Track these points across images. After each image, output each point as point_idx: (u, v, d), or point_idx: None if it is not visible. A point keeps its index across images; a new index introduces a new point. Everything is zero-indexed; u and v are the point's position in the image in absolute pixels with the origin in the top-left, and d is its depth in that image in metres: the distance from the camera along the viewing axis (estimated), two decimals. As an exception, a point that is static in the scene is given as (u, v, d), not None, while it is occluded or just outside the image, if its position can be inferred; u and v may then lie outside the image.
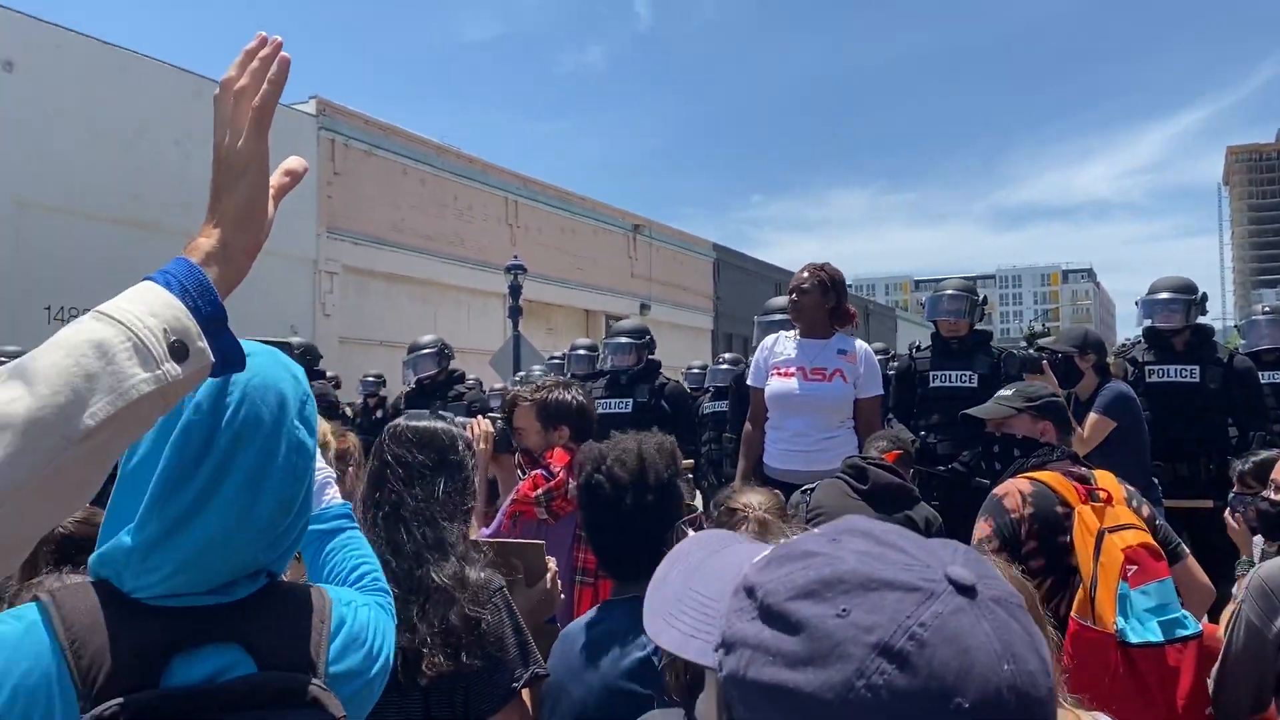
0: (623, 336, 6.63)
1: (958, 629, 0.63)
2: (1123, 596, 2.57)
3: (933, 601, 0.65)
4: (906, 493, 3.38)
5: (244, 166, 1.02)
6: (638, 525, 2.17)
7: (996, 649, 0.62)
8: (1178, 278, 5.61)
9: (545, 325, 24.58)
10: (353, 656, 1.26)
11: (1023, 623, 0.65)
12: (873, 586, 0.66)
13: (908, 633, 0.63)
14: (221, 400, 1.14)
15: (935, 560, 0.68)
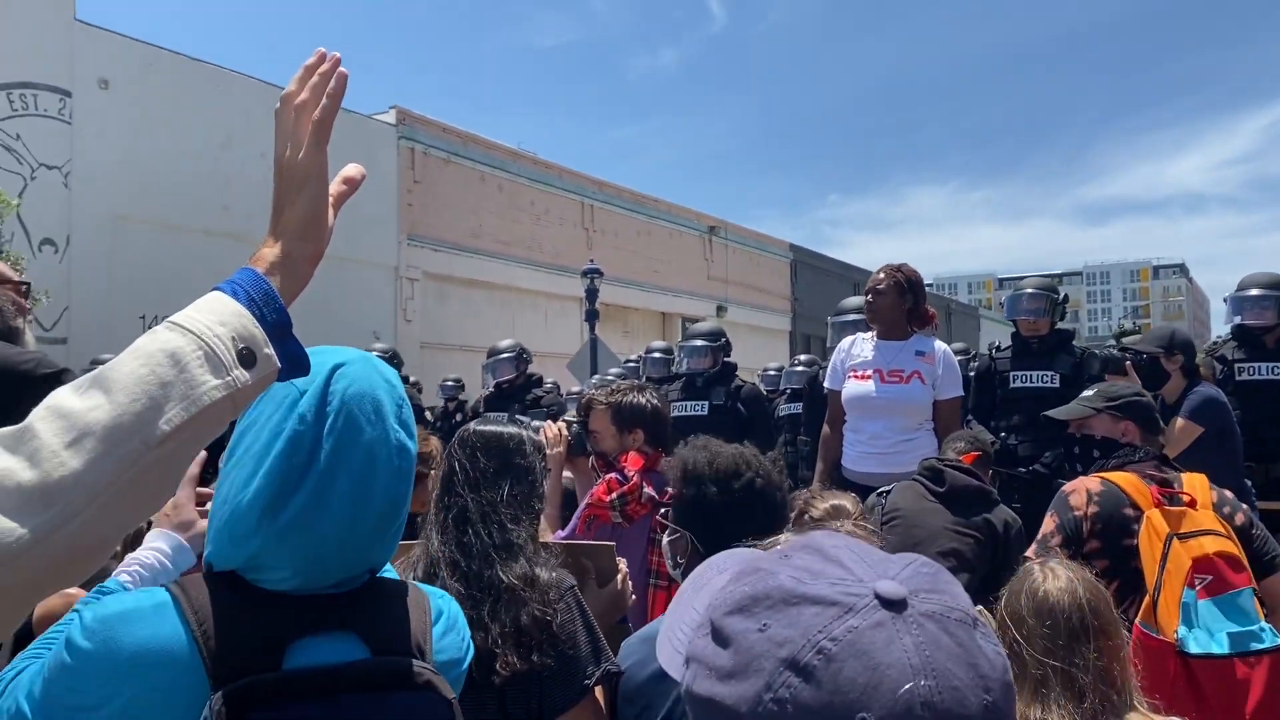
0: (698, 339, 6.64)
1: (870, 644, 0.62)
2: (1187, 605, 2.49)
3: (850, 616, 0.64)
4: (985, 494, 3.33)
5: (305, 178, 1.05)
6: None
7: (913, 664, 0.61)
8: (1269, 274, 5.43)
9: (622, 328, 24.68)
10: (452, 644, 1.33)
11: (958, 637, 0.63)
12: (793, 602, 0.66)
13: (816, 647, 0.63)
14: (323, 410, 1.20)
15: (871, 575, 0.67)
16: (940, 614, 0.65)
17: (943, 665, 0.62)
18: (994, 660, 0.64)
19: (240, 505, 1.19)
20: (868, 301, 4.72)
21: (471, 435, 2.18)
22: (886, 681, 0.61)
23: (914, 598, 0.65)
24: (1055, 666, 1.79)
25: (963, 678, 0.62)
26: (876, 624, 0.64)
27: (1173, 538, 2.59)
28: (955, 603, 0.66)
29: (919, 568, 0.69)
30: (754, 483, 2.08)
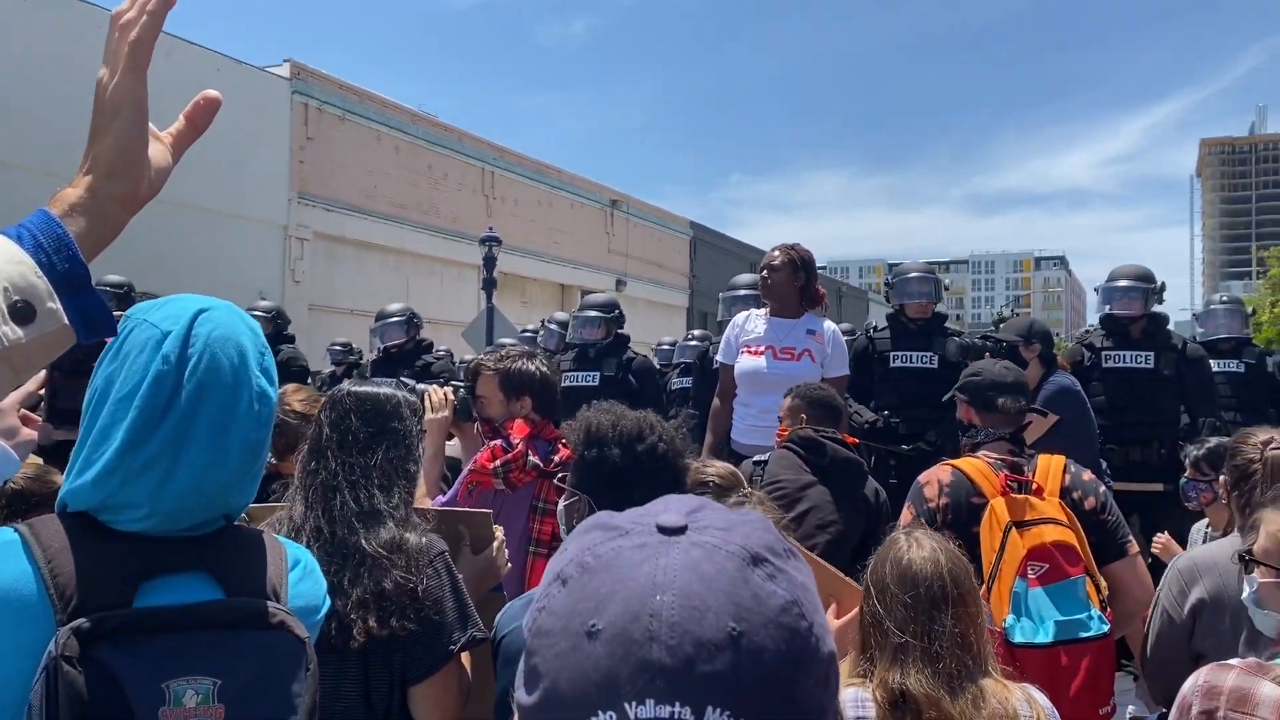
0: (592, 310, 6.65)
1: (626, 561, 0.63)
2: (1017, 594, 2.59)
3: (622, 538, 0.66)
4: (860, 467, 3.43)
5: (118, 107, 0.92)
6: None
7: (658, 580, 0.61)
8: (1137, 266, 5.70)
9: (520, 298, 24.51)
10: (309, 591, 1.33)
11: (723, 566, 0.63)
12: (589, 529, 0.68)
13: (578, 561, 0.65)
14: (185, 352, 1.20)
15: (678, 515, 0.67)
16: (713, 545, 0.64)
17: (689, 586, 0.61)
18: (765, 599, 0.63)
19: (100, 443, 1.19)
20: (762, 278, 4.80)
21: (345, 397, 2.14)
22: (624, 592, 0.61)
23: (695, 530, 0.66)
24: (915, 631, 1.85)
25: (710, 602, 0.61)
26: (640, 545, 0.64)
27: (1011, 527, 2.68)
28: (739, 540, 0.66)
29: (726, 513, 0.69)
30: (657, 447, 2.09)
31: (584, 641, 0.61)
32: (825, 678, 0.65)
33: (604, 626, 0.61)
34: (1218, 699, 1.73)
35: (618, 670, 0.60)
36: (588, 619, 0.62)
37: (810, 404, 3.51)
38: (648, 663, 0.59)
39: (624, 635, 0.60)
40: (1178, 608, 2.59)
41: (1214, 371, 5.81)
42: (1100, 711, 2.64)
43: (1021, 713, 1.83)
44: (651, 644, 0.60)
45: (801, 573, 0.68)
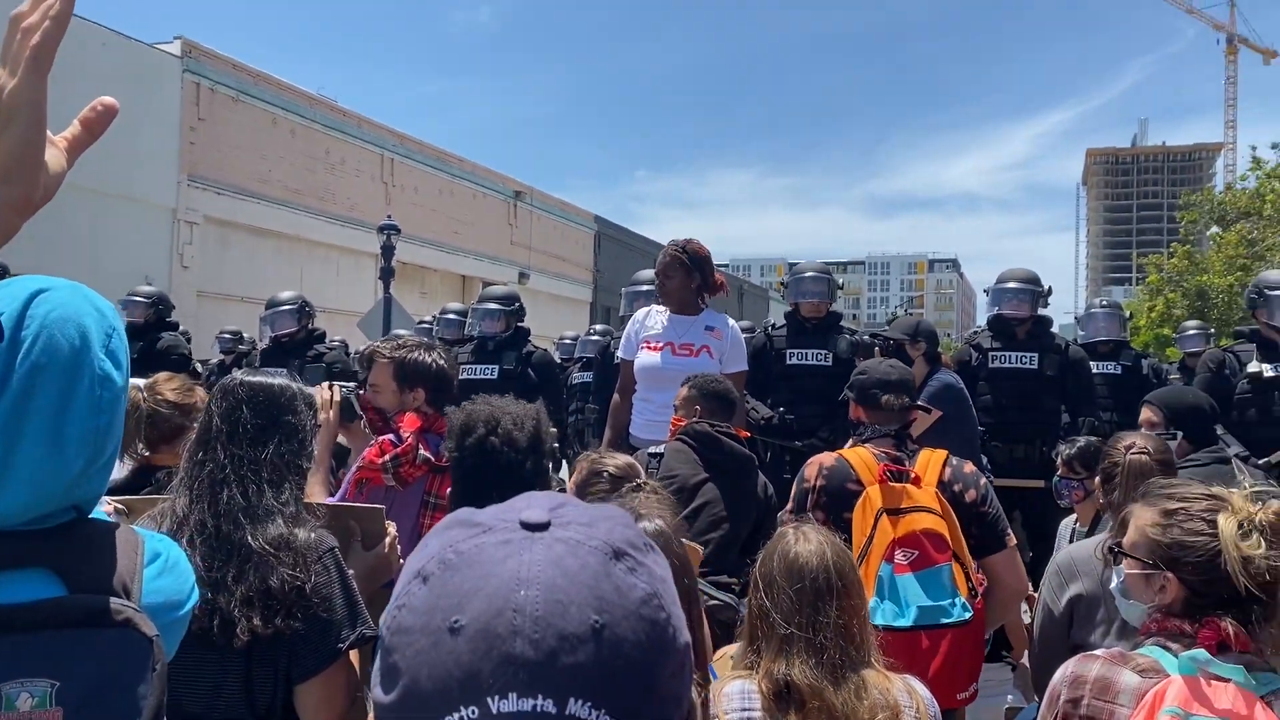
0: (492, 302, 6.58)
1: (489, 557, 0.64)
2: (881, 578, 2.68)
3: (484, 535, 0.66)
4: (752, 462, 3.47)
5: (15, 110, 0.90)
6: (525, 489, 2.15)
7: (521, 575, 0.62)
8: (1025, 270, 5.91)
9: (419, 289, 24.14)
10: (169, 587, 1.28)
11: (586, 561, 0.64)
12: (450, 526, 0.69)
13: (440, 558, 0.65)
14: (19, 333, 1.13)
15: (541, 511, 0.68)
16: (577, 540, 0.65)
17: (554, 581, 0.62)
18: (626, 592, 0.64)
19: None
20: (657, 279, 4.84)
21: (237, 387, 2.06)
22: (488, 588, 0.62)
23: (559, 526, 0.66)
24: (800, 622, 1.88)
25: (573, 595, 0.62)
26: (504, 541, 0.65)
27: (883, 513, 2.76)
28: (602, 534, 0.67)
29: (589, 509, 0.70)
30: (487, 442, 2.08)
31: (446, 638, 0.61)
32: (681, 667, 0.67)
33: (467, 622, 0.61)
34: (1083, 688, 1.80)
35: (480, 665, 0.60)
36: (450, 615, 0.62)
37: (706, 396, 3.53)
38: (511, 657, 0.60)
39: (487, 630, 0.60)
40: (1056, 601, 2.70)
41: (1093, 373, 6.08)
42: (958, 696, 2.74)
43: (902, 703, 1.88)
44: (515, 638, 0.60)
45: (661, 566, 0.69)
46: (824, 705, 1.81)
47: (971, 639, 2.79)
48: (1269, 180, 23.47)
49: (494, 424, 2.18)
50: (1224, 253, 24.56)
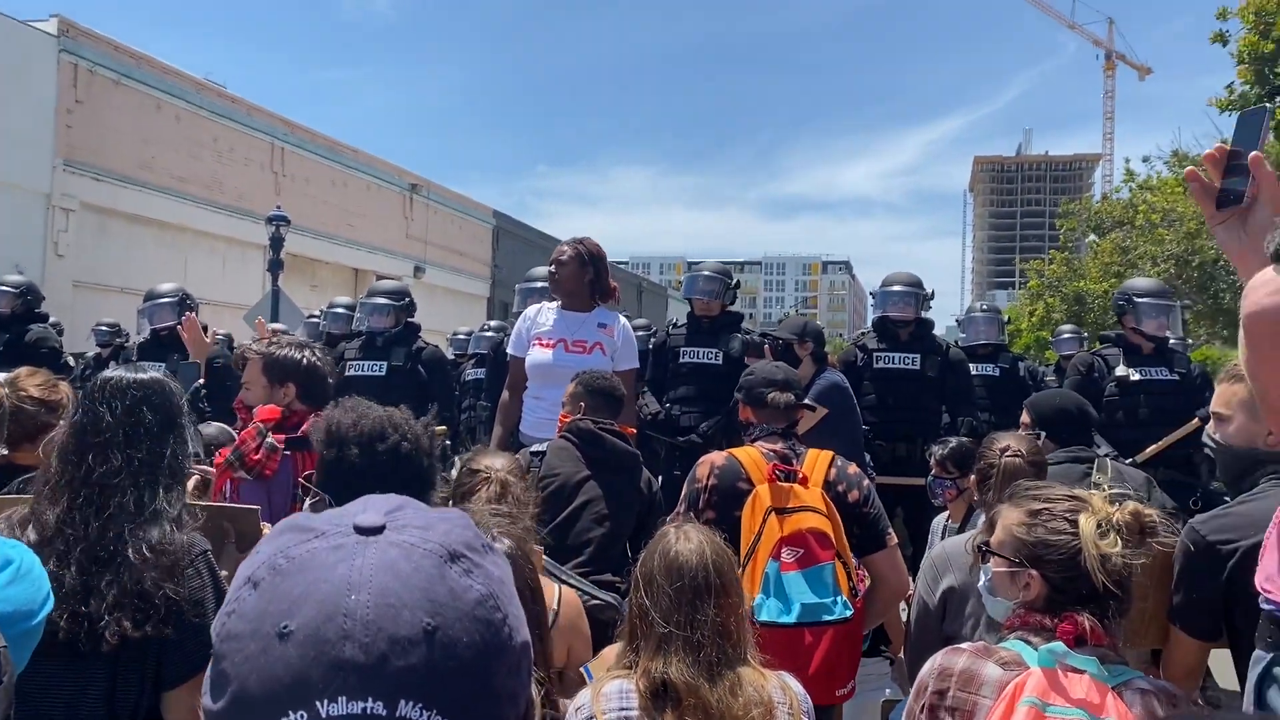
0: (380, 297, 6.46)
1: (321, 562, 0.64)
2: (768, 575, 2.74)
3: (317, 539, 0.66)
4: (636, 459, 3.49)
5: None
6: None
7: (352, 580, 0.63)
8: (908, 273, 6.09)
9: (310, 282, 23.53)
10: (21, 595, 1.23)
11: (420, 564, 0.65)
12: (283, 530, 0.69)
13: (271, 564, 0.65)
14: None
15: (376, 515, 0.68)
16: (411, 544, 0.66)
17: (386, 585, 0.63)
18: (461, 594, 0.65)
19: None
20: (551, 273, 4.81)
21: (118, 384, 1.97)
22: (318, 593, 0.62)
23: (394, 530, 0.67)
24: (679, 621, 1.89)
25: (405, 599, 0.63)
26: (336, 546, 0.65)
27: (772, 512, 2.82)
28: (437, 537, 0.67)
29: (427, 512, 0.71)
30: (399, 447, 2.04)
31: (275, 643, 0.61)
32: (518, 666, 0.68)
33: (296, 627, 0.61)
34: (949, 680, 1.86)
35: (310, 670, 0.60)
36: (280, 620, 0.62)
37: (591, 392, 3.53)
38: (341, 661, 0.60)
39: (317, 635, 0.61)
40: (930, 595, 2.78)
41: (973, 374, 6.30)
42: (837, 692, 2.81)
43: (776, 699, 1.91)
44: (345, 642, 0.61)
45: (499, 567, 0.70)
46: (700, 703, 1.83)
47: (851, 636, 2.86)
48: (1141, 192, 24.64)
49: (401, 427, 2.14)
50: (1100, 260, 25.68)
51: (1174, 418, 5.06)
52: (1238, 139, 1.63)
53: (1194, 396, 5.34)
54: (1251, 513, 2.25)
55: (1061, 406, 3.81)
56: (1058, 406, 3.80)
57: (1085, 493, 2.00)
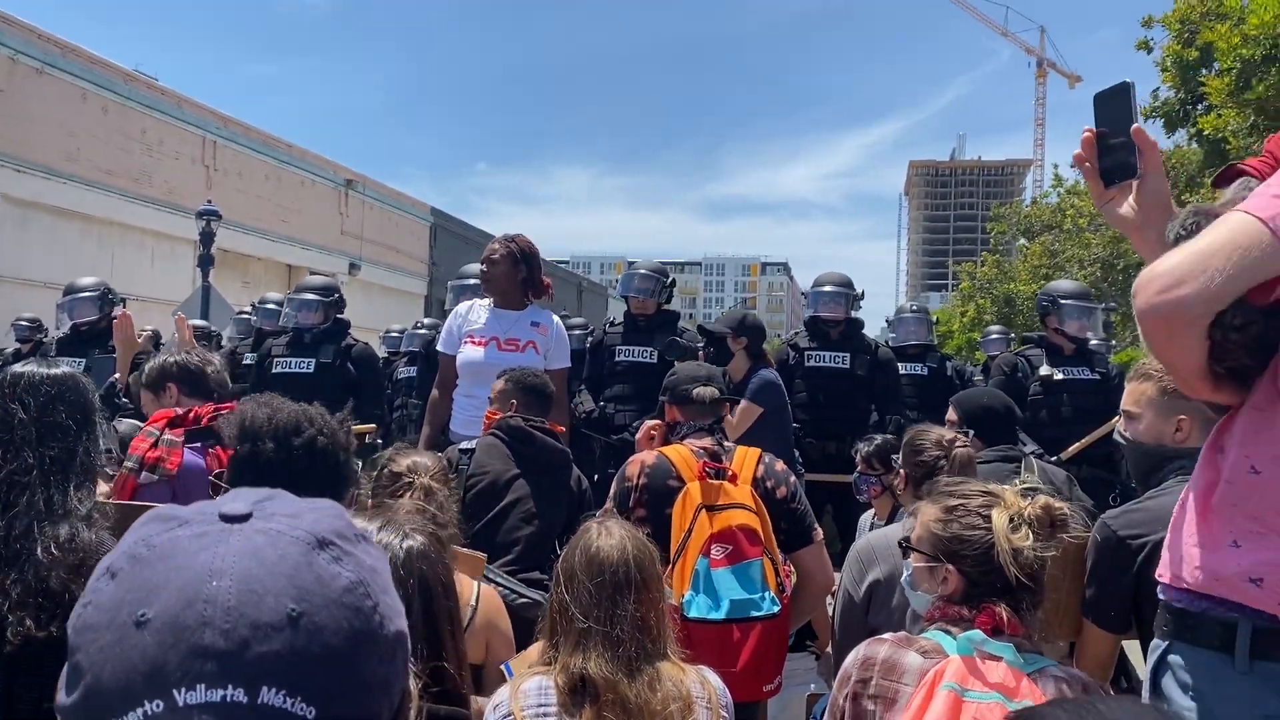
0: (308, 293, 6.35)
1: (182, 549, 0.63)
2: (698, 572, 2.76)
3: (181, 527, 0.65)
4: (567, 457, 3.48)
5: None
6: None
7: (214, 566, 0.62)
8: (839, 274, 6.17)
9: (242, 278, 23.08)
10: None
11: (287, 552, 0.64)
12: (149, 521, 0.67)
13: (131, 553, 0.64)
14: None
15: (245, 504, 0.68)
16: (278, 531, 0.65)
17: (249, 571, 0.62)
18: (328, 581, 0.64)
19: None
20: (483, 271, 4.78)
21: (31, 380, 1.91)
22: (178, 580, 0.61)
23: (261, 518, 0.66)
24: (598, 616, 1.90)
25: (269, 585, 0.62)
26: (200, 533, 0.64)
27: (702, 509, 2.83)
28: (306, 525, 0.66)
29: (297, 501, 0.70)
30: (315, 441, 2.01)
31: (131, 632, 0.60)
32: (391, 655, 0.67)
33: (154, 615, 0.60)
34: (872, 669, 1.90)
35: (167, 657, 0.59)
36: (137, 608, 0.60)
37: (522, 390, 3.52)
38: (200, 648, 0.59)
39: (175, 623, 0.60)
40: (857, 587, 2.82)
41: (901, 374, 6.39)
42: (765, 688, 2.83)
43: (695, 693, 1.92)
44: (204, 629, 0.59)
45: (372, 556, 0.69)
46: (618, 698, 1.83)
47: (779, 632, 2.88)
48: (1069, 197, 25.24)
49: (317, 422, 2.10)
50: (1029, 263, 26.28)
51: (1095, 416, 5.19)
52: (1102, 119, 1.68)
53: (1114, 396, 5.48)
54: (1159, 508, 2.31)
55: (988, 405, 3.87)
56: (985, 405, 3.87)
57: (999, 488, 2.05)
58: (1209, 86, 12.63)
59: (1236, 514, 1.56)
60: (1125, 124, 1.64)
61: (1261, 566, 1.50)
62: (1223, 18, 12.99)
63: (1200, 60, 14.10)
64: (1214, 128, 12.65)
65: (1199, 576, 1.58)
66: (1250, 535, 1.53)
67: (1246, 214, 1.42)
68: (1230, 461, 1.59)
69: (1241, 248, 1.39)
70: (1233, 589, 1.53)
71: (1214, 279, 1.39)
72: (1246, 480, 1.55)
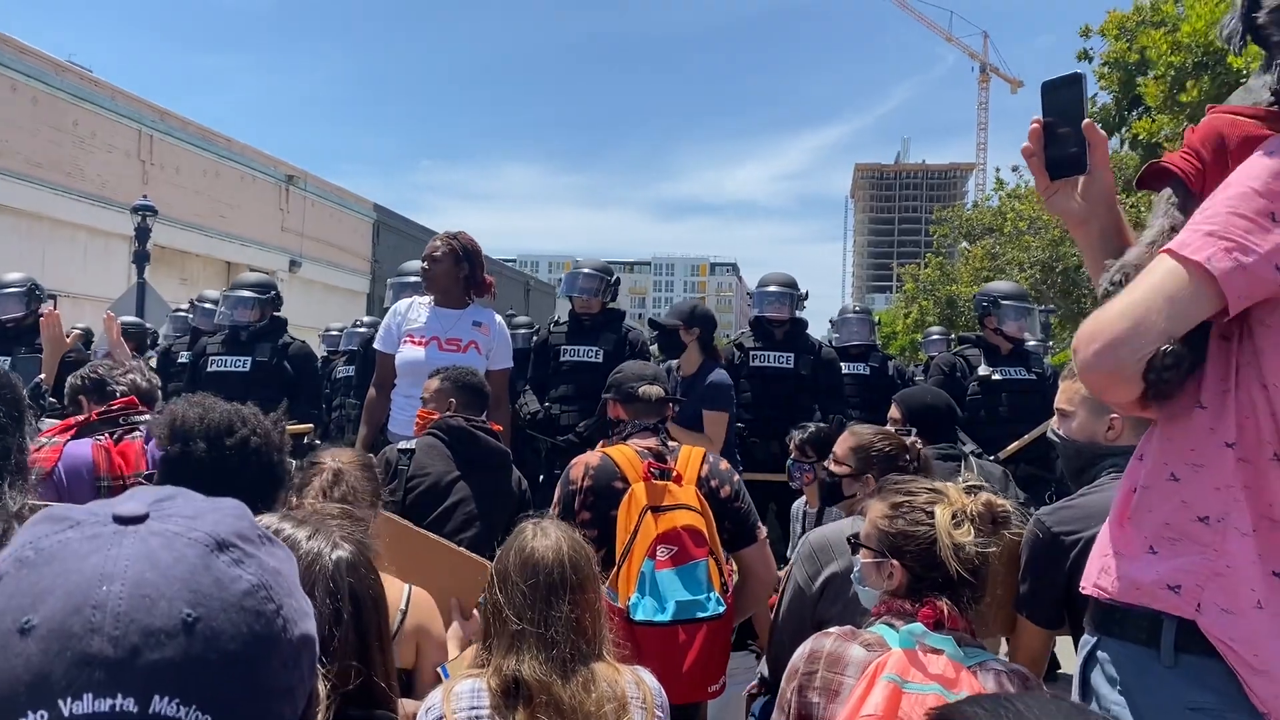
0: (244, 290, 6.22)
1: (72, 552, 0.61)
2: (644, 574, 2.74)
3: (72, 529, 0.63)
4: (508, 457, 3.43)
5: None
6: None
7: (105, 570, 0.60)
8: (784, 274, 6.18)
9: (179, 275, 22.62)
10: None
11: (183, 554, 0.62)
12: (39, 521, 0.65)
13: (16, 557, 0.62)
14: None
15: (131, 502, 0.66)
16: (175, 533, 0.64)
17: (142, 575, 0.60)
18: (228, 584, 0.62)
19: None
20: (424, 269, 4.71)
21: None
22: (67, 585, 0.59)
23: (158, 519, 0.64)
24: (532, 618, 1.87)
25: (164, 589, 0.60)
26: (92, 536, 0.62)
27: (648, 510, 2.81)
28: (206, 526, 0.65)
29: (198, 501, 0.68)
30: (249, 441, 1.96)
31: (15, 639, 0.58)
32: (295, 659, 0.65)
33: (39, 622, 0.58)
34: (818, 662, 1.93)
35: (52, 666, 0.57)
36: (21, 615, 0.58)
37: (461, 389, 3.46)
38: (87, 656, 0.57)
39: (61, 629, 0.58)
40: (810, 581, 2.81)
41: (844, 373, 6.44)
42: (710, 689, 2.82)
43: (630, 694, 1.91)
44: (93, 636, 0.58)
45: (276, 558, 0.67)
46: (552, 699, 1.81)
47: (724, 632, 2.88)
48: (1010, 200, 25.68)
49: (250, 421, 2.05)
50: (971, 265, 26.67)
51: (1033, 415, 5.27)
52: (1049, 109, 1.66)
53: (1051, 396, 5.55)
54: (1092, 505, 2.34)
55: (931, 404, 3.91)
56: (927, 404, 3.90)
57: (944, 485, 2.08)
58: (1145, 90, 12.93)
59: (1153, 520, 1.58)
60: (1075, 116, 1.62)
61: (1179, 574, 1.52)
62: (1158, 25, 13.30)
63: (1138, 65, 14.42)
64: (1149, 132, 12.95)
65: (1118, 586, 1.60)
66: (1166, 542, 1.55)
67: (1175, 259, 1.45)
68: (1148, 468, 1.61)
69: (1172, 298, 1.43)
70: (1153, 597, 1.55)
71: (1147, 337, 1.43)
72: (1164, 486, 1.57)
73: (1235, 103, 1.63)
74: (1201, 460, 1.53)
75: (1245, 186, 1.45)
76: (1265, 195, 1.43)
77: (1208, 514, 1.51)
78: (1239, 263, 1.41)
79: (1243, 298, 1.43)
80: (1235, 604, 1.48)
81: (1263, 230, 1.42)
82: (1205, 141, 1.59)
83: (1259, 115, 1.55)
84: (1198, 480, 1.53)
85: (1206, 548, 1.50)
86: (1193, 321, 1.45)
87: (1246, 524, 1.48)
